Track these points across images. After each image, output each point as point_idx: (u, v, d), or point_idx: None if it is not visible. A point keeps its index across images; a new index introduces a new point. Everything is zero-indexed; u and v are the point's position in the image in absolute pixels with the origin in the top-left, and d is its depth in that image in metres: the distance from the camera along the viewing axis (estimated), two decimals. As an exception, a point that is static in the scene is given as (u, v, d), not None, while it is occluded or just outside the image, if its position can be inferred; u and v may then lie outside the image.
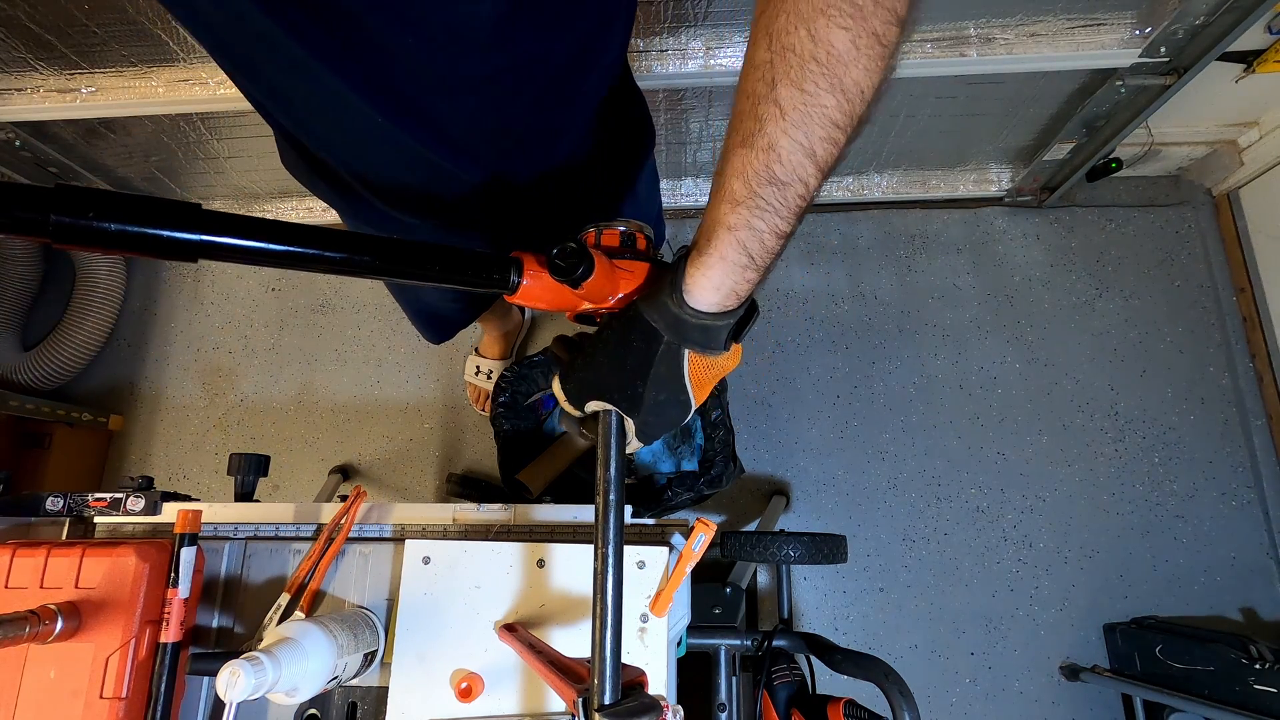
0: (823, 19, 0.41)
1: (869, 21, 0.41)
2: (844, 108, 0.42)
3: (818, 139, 0.42)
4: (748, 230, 0.44)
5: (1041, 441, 1.56)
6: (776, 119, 0.42)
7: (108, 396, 1.73)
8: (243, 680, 0.48)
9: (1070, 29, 1.17)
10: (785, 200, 0.43)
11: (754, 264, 0.45)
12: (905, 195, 1.70)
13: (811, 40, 0.41)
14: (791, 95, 0.42)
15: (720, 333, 0.47)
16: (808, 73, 0.42)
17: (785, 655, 0.61)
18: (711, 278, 0.46)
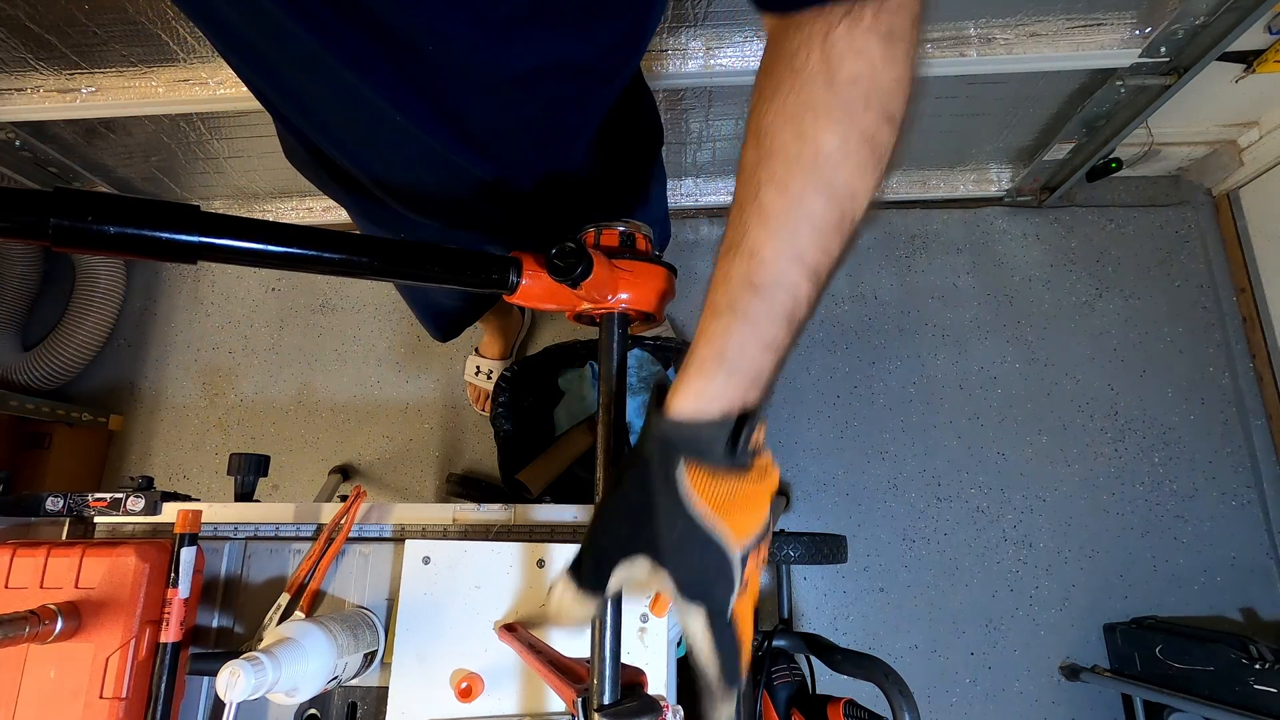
0: (810, 116, 0.39)
1: (859, 121, 0.39)
2: (834, 211, 0.40)
3: (806, 244, 0.40)
4: (726, 340, 0.41)
5: (1041, 441, 1.56)
6: (759, 225, 0.40)
7: (108, 396, 1.73)
8: (243, 680, 0.48)
9: (1070, 29, 1.17)
10: (769, 309, 0.41)
11: (734, 377, 0.42)
12: (905, 195, 1.70)
13: (798, 140, 0.39)
14: (774, 199, 0.40)
15: (711, 440, 0.42)
16: (793, 174, 0.40)
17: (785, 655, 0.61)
18: (689, 388, 0.43)
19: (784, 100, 0.40)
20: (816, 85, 0.39)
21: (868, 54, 0.38)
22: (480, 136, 0.60)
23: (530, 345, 1.67)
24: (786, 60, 0.40)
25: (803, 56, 0.40)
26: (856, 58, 0.38)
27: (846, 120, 0.39)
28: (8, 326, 1.65)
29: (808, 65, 0.39)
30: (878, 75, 0.38)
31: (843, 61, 0.38)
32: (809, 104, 0.39)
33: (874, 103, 0.39)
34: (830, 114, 0.39)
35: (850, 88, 0.38)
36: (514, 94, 0.56)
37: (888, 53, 0.38)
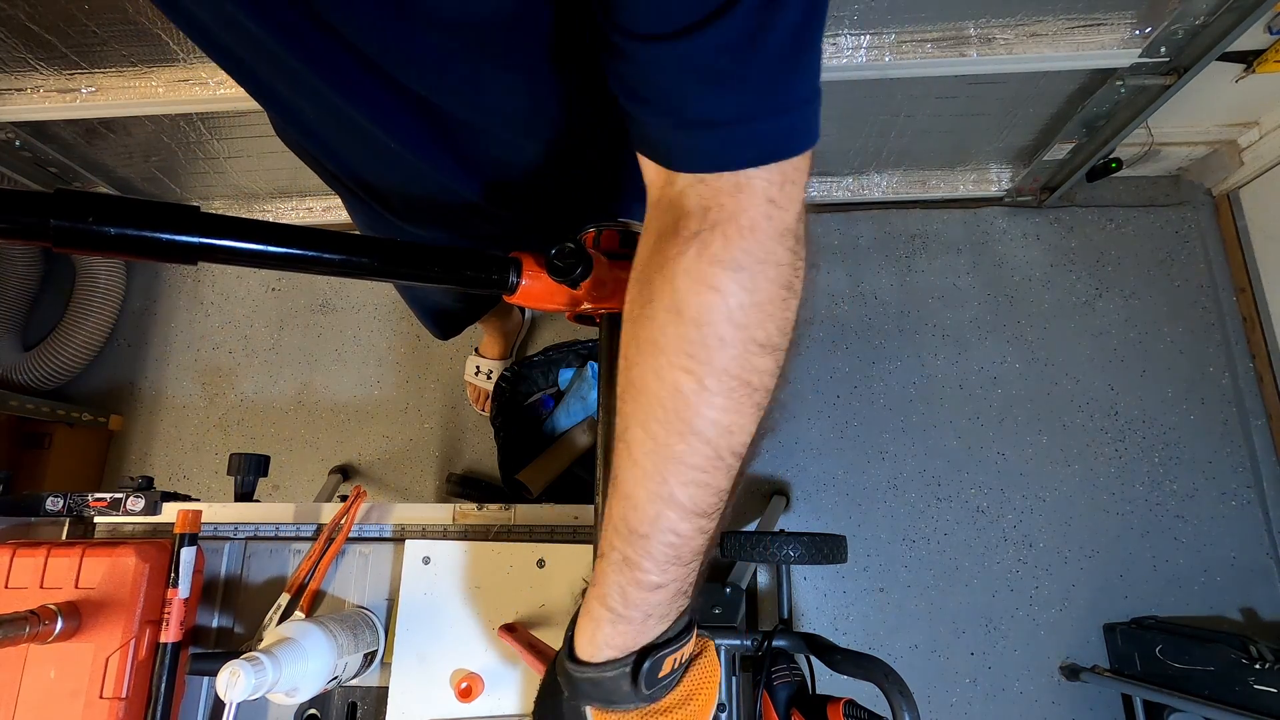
0: (664, 358, 0.35)
1: (716, 359, 0.35)
2: (704, 451, 0.36)
3: (677, 485, 0.37)
4: (606, 585, 0.40)
5: (1041, 441, 1.56)
6: (630, 464, 0.38)
7: (108, 396, 1.73)
8: (243, 680, 0.48)
9: (1070, 29, 1.17)
10: (649, 552, 0.38)
11: (621, 618, 0.39)
12: (905, 195, 1.70)
13: (656, 379, 0.36)
14: (641, 439, 0.37)
15: (613, 684, 0.40)
16: (654, 416, 0.36)
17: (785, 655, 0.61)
18: (584, 632, 0.41)
19: (641, 329, 0.37)
20: (668, 322, 0.35)
21: (718, 288, 0.34)
22: (474, 156, 0.59)
23: (530, 345, 1.67)
24: (648, 282, 0.37)
25: (658, 284, 0.36)
26: (705, 294, 0.34)
27: (701, 360, 0.35)
28: (8, 326, 1.65)
29: (660, 297, 0.36)
30: (733, 310, 0.34)
31: (689, 299, 0.34)
32: (661, 343, 0.36)
33: (731, 339, 0.35)
34: (683, 354, 0.35)
35: (700, 329, 0.35)
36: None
37: (742, 281, 0.34)
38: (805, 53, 0.34)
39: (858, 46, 1.19)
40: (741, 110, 0.33)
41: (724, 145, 0.34)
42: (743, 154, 0.34)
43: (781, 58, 0.33)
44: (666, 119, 0.35)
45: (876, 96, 1.36)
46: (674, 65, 0.33)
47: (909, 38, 1.18)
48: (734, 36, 0.31)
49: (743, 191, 0.34)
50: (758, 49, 0.32)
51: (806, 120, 0.35)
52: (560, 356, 1.50)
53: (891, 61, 1.19)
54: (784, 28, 0.32)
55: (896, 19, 1.16)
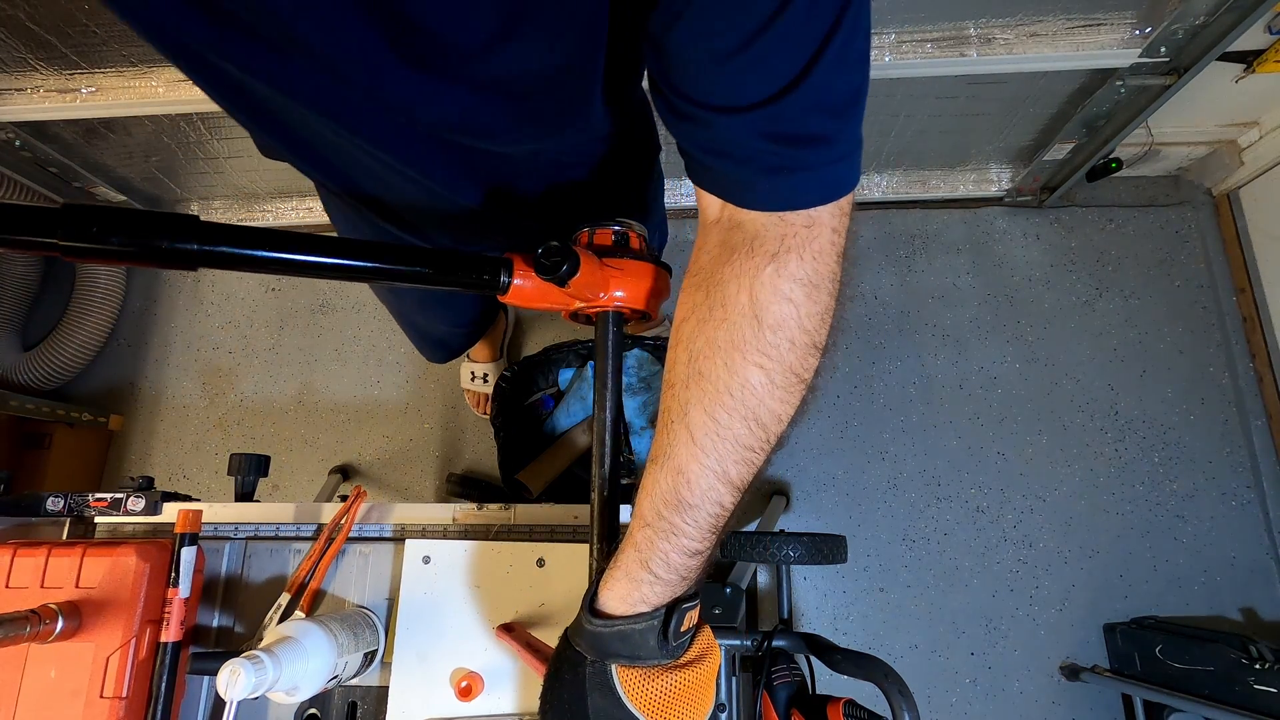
0: (739, 355, 0.41)
1: (785, 359, 0.41)
2: (758, 434, 0.42)
3: (730, 463, 0.42)
4: (651, 550, 0.43)
5: (1041, 441, 1.56)
6: (686, 443, 0.42)
7: (108, 396, 1.73)
8: (243, 679, 0.48)
9: (1070, 29, 1.17)
10: (696, 521, 0.42)
11: (659, 579, 0.43)
12: (905, 195, 1.70)
13: (727, 372, 0.41)
14: (703, 422, 0.41)
15: (641, 637, 0.43)
16: (721, 403, 0.41)
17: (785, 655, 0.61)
18: (616, 590, 0.44)
19: (715, 329, 0.42)
20: (745, 325, 0.41)
21: (793, 299, 0.40)
22: (478, 173, 0.60)
23: (527, 345, 1.67)
24: (719, 287, 0.42)
25: (732, 291, 0.41)
26: (783, 304, 0.40)
27: (774, 360, 0.40)
28: (8, 326, 1.65)
29: (737, 303, 0.41)
30: (803, 317, 0.41)
31: (769, 307, 0.40)
32: (737, 342, 0.41)
33: (799, 342, 0.41)
34: (758, 353, 0.40)
35: (776, 333, 0.40)
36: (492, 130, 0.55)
37: (812, 295, 0.41)
38: (860, 105, 0.39)
39: (858, 46, 1.19)
40: (814, 160, 0.39)
41: (799, 190, 0.40)
42: (814, 196, 0.40)
43: (844, 113, 0.39)
44: (745, 168, 0.40)
45: (876, 96, 1.36)
46: (753, 130, 0.38)
47: (909, 38, 1.19)
48: (807, 103, 0.37)
49: (815, 224, 0.40)
50: (826, 111, 0.38)
51: (858, 160, 0.41)
52: (560, 356, 1.50)
53: (891, 61, 1.19)
54: (847, 90, 0.38)
55: (896, 19, 1.16)
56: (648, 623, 0.43)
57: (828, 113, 0.38)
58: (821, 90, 0.37)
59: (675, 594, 0.44)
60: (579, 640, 0.46)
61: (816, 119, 0.38)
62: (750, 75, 0.36)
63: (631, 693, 0.44)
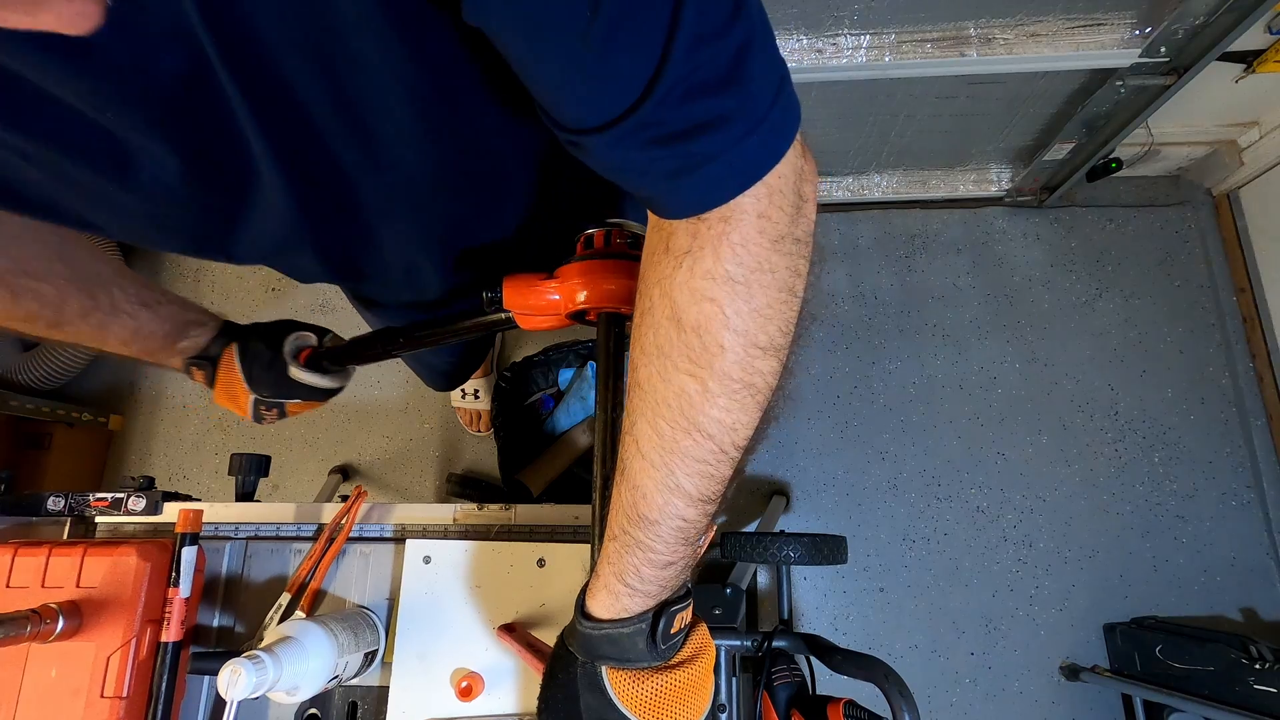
0: (669, 363, 0.38)
1: (717, 365, 0.36)
2: (705, 445, 0.38)
3: (682, 475, 0.39)
4: (621, 564, 0.42)
5: (1041, 441, 1.56)
6: (636, 456, 0.40)
7: (108, 396, 1.73)
8: (244, 679, 0.48)
9: (1070, 29, 1.17)
10: (659, 535, 0.41)
11: (636, 591, 0.42)
12: (905, 195, 1.70)
13: (662, 381, 0.38)
14: (648, 434, 0.39)
15: (629, 641, 0.43)
16: (660, 414, 0.39)
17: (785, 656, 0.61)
18: (598, 599, 0.44)
19: (645, 335, 0.39)
20: (669, 331, 0.37)
21: (714, 299, 0.36)
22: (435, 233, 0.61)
23: (527, 345, 1.67)
24: (646, 293, 0.39)
25: (656, 295, 0.38)
26: (701, 304, 0.36)
27: (703, 365, 0.37)
28: (8, 326, 1.64)
29: (660, 308, 0.38)
30: (731, 317, 0.36)
31: (687, 309, 0.36)
32: (663, 349, 0.38)
33: (732, 344, 0.36)
34: (686, 360, 0.37)
35: (701, 336, 0.36)
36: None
37: (738, 292, 0.35)
38: (749, 64, 0.32)
39: (858, 46, 1.19)
40: (710, 149, 0.33)
41: (707, 188, 0.34)
42: (726, 189, 0.34)
43: (727, 86, 0.32)
44: (645, 179, 0.35)
45: (876, 96, 1.36)
46: (630, 142, 0.33)
47: (909, 38, 1.19)
48: (675, 95, 0.31)
49: (732, 214, 0.35)
50: (704, 93, 0.31)
51: (777, 122, 0.34)
52: (560, 356, 1.50)
53: (891, 61, 1.19)
54: (721, 61, 0.31)
55: (896, 19, 1.16)
56: (635, 626, 0.43)
57: (707, 93, 0.31)
58: (688, 74, 0.30)
59: (658, 601, 0.44)
60: (572, 641, 0.46)
61: (697, 105, 0.32)
62: (602, 88, 0.31)
63: (621, 694, 0.44)
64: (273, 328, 0.73)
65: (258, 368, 0.70)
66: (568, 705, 0.45)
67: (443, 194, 0.52)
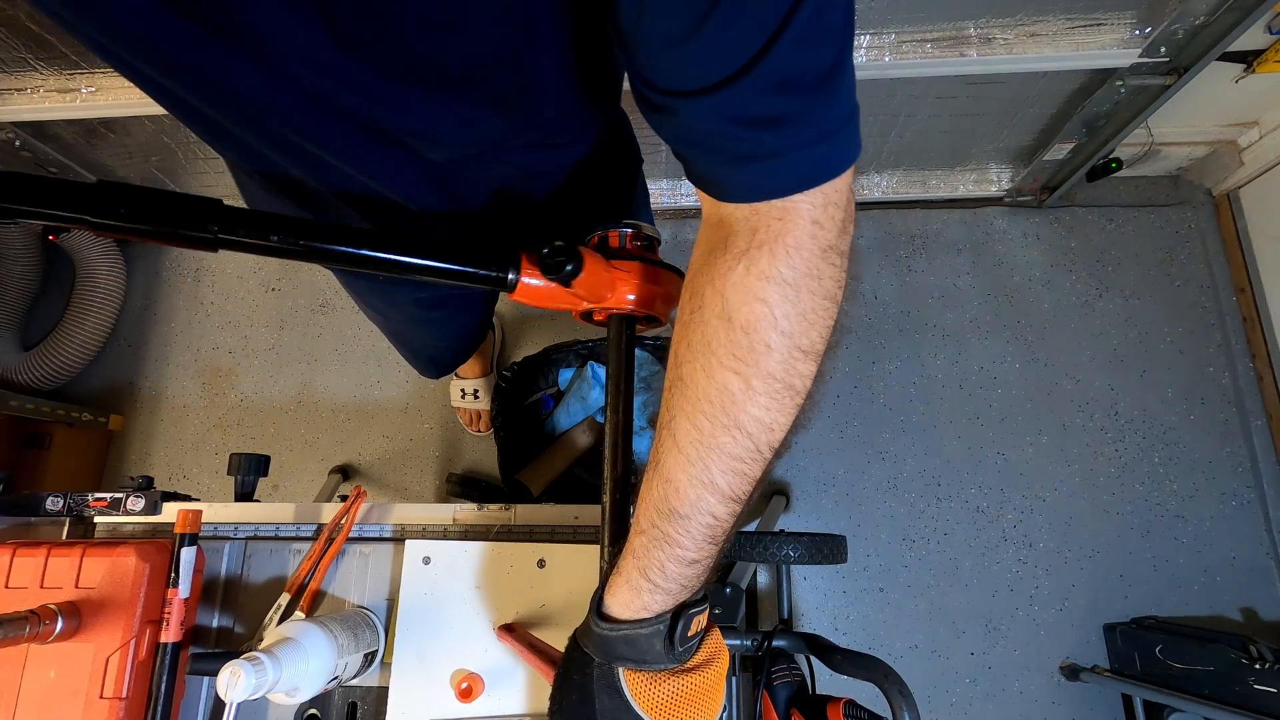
0: (715, 360, 0.39)
1: (762, 364, 0.38)
2: (743, 443, 0.40)
3: (718, 472, 0.40)
4: (648, 559, 0.42)
5: (1041, 441, 1.56)
6: (673, 451, 0.41)
7: (108, 396, 1.73)
8: (243, 680, 0.48)
9: (1070, 29, 1.17)
10: (688, 531, 0.41)
11: (659, 588, 0.42)
12: (905, 195, 1.70)
13: (705, 377, 0.39)
14: (687, 430, 0.40)
15: (647, 642, 0.43)
16: (701, 410, 0.39)
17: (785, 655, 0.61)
18: (619, 596, 0.44)
19: (693, 333, 0.40)
20: (719, 328, 0.39)
21: (766, 300, 0.37)
22: (460, 192, 0.60)
23: (526, 346, 1.67)
24: (699, 289, 0.40)
25: (708, 293, 0.39)
26: (754, 304, 0.38)
27: (749, 363, 0.38)
28: (8, 326, 1.65)
29: (712, 305, 0.39)
30: (779, 320, 0.38)
31: (739, 308, 0.38)
32: (712, 345, 0.39)
33: (778, 346, 0.38)
34: (732, 357, 0.38)
35: (749, 335, 0.38)
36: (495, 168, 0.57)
37: (788, 294, 0.37)
38: (838, 81, 0.35)
39: (858, 46, 1.19)
40: (782, 144, 0.35)
41: (767, 177, 0.36)
42: (785, 183, 0.36)
43: (815, 92, 0.35)
44: (714, 158, 0.38)
45: (876, 96, 1.36)
46: (715, 114, 0.35)
47: (909, 38, 1.19)
48: (768, 82, 0.34)
49: (788, 216, 0.37)
50: (793, 90, 0.34)
51: (844, 141, 0.37)
52: (560, 356, 1.50)
53: (891, 61, 1.19)
54: (816, 67, 0.34)
55: (896, 19, 1.16)
56: (653, 628, 0.43)
57: (796, 91, 0.34)
58: (786, 67, 0.33)
59: (678, 601, 0.44)
60: (587, 642, 0.46)
61: (782, 98, 0.34)
62: (707, 55, 0.34)
63: (639, 696, 0.44)
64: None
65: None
66: (583, 707, 0.45)
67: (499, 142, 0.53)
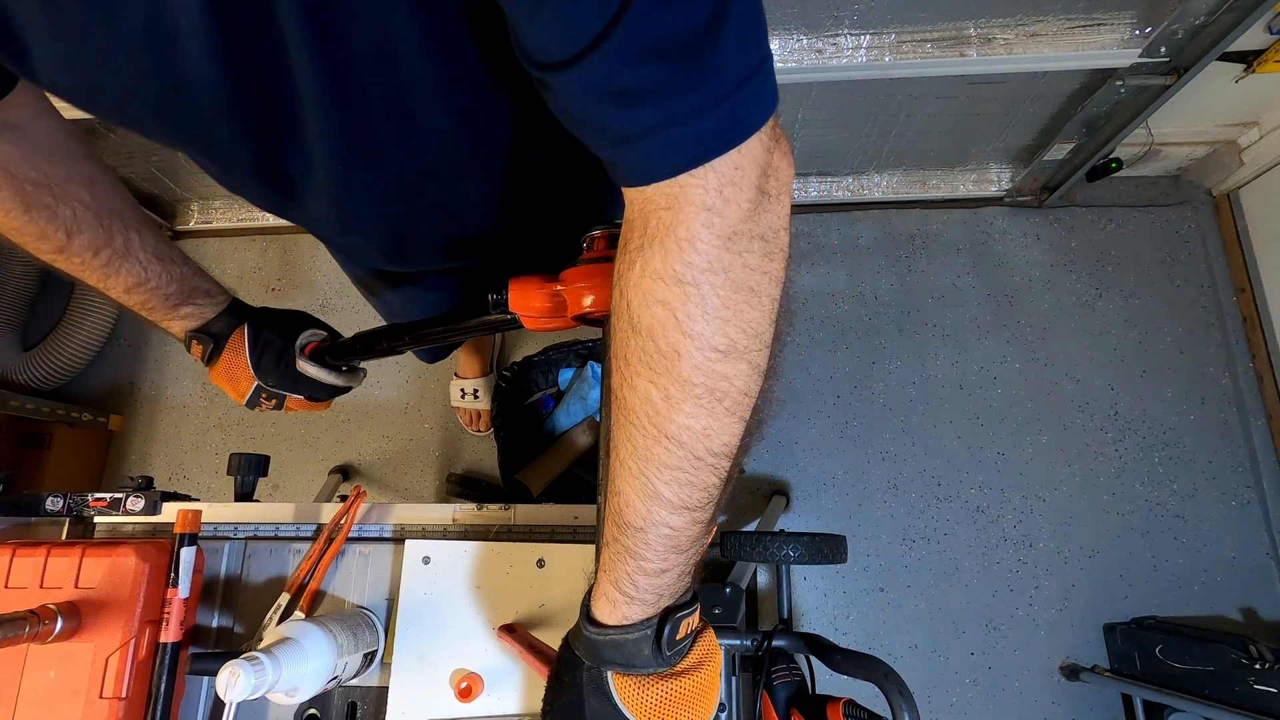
0: (630, 369, 0.37)
1: (675, 370, 0.35)
2: (678, 453, 0.37)
3: (660, 484, 0.38)
4: (616, 571, 0.42)
5: (1041, 441, 1.56)
6: (617, 464, 0.40)
7: (108, 396, 1.73)
8: (242, 680, 0.48)
9: (1070, 29, 1.17)
10: (647, 543, 0.40)
11: (633, 599, 0.42)
12: (905, 195, 1.70)
13: (627, 387, 0.37)
14: (624, 443, 0.39)
15: (635, 647, 0.42)
16: (632, 422, 0.38)
17: (785, 655, 0.61)
18: (600, 605, 0.44)
19: (611, 343, 0.38)
20: (627, 336, 0.36)
21: (664, 301, 0.34)
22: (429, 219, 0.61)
23: (526, 346, 1.67)
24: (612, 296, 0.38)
25: (616, 298, 0.37)
26: (653, 308, 0.34)
27: (661, 371, 0.35)
28: (8, 326, 1.64)
29: (618, 311, 0.37)
30: (683, 320, 0.34)
31: (640, 314, 0.35)
32: (626, 355, 0.37)
33: (687, 349, 0.34)
34: (645, 366, 0.36)
35: (655, 341, 0.35)
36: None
37: (689, 293, 0.34)
38: (719, 38, 0.30)
39: (858, 46, 1.19)
40: (655, 119, 0.31)
41: (645, 159, 0.33)
42: (664, 164, 0.32)
43: (688, 56, 0.30)
44: (599, 139, 0.34)
45: (876, 96, 1.36)
46: (583, 88, 0.32)
47: (909, 38, 1.19)
48: (631, 49, 0.30)
49: (676, 204, 0.33)
50: (660, 56, 0.30)
51: (738, 108, 0.32)
52: (560, 356, 1.50)
53: (891, 61, 1.19)
54: (686, 26, 0.30)
55: (896, 19, 1.16)
56: (640, 632, 0.42)
57: (664, 57, 0.30)
58: (648, 30, 0.29)
59: (658, 608, 0.43)
60: (577, 645, 0.46)
61: (650, 67, 0.30)
62: (560, 21, 0.30)
63: (627, 700, 0.43)
64: (286, 316, 0.72)
65: (268, 356, 0.68)
66: (573, 709, 0.45)
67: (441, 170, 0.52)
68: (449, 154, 0.51)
